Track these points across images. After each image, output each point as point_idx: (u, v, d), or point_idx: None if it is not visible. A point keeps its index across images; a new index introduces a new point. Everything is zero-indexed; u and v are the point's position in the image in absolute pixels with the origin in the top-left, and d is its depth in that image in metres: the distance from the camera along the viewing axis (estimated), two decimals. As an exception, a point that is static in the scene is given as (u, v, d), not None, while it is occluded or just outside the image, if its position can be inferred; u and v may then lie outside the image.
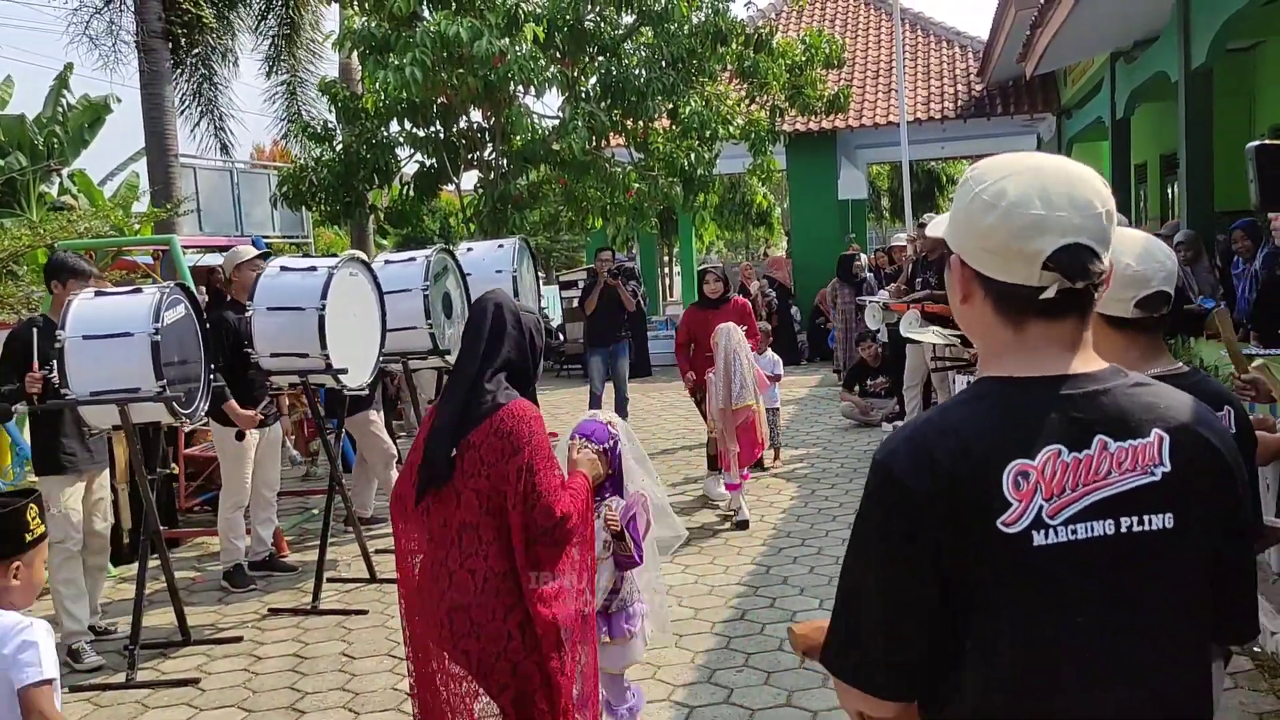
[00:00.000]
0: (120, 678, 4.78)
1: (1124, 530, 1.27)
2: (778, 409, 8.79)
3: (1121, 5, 9.14)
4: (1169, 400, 1.34)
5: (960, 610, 1.27)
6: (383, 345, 6.11)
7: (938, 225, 1.50)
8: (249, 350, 5.56)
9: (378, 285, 6.09)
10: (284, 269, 5.79)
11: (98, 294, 5.03)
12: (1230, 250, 8.17)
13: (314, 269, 5.73)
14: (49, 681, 2.32)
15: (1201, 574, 1.31)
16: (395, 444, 7.52)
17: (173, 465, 7.39)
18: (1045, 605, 1.25)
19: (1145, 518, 1.28)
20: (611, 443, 3.40)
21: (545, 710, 2.72)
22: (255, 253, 6.49)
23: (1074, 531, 1.25)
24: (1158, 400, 1.33)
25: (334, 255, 7.24)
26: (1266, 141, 1.66)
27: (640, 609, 3.52)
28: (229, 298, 6.34)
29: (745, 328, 7.28)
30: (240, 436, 6.02)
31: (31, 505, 2.56)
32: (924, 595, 1.27)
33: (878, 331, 10.27)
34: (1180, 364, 2.07)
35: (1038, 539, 1.24)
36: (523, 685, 2.70)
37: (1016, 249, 1.28)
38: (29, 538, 2.53)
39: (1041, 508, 1.25)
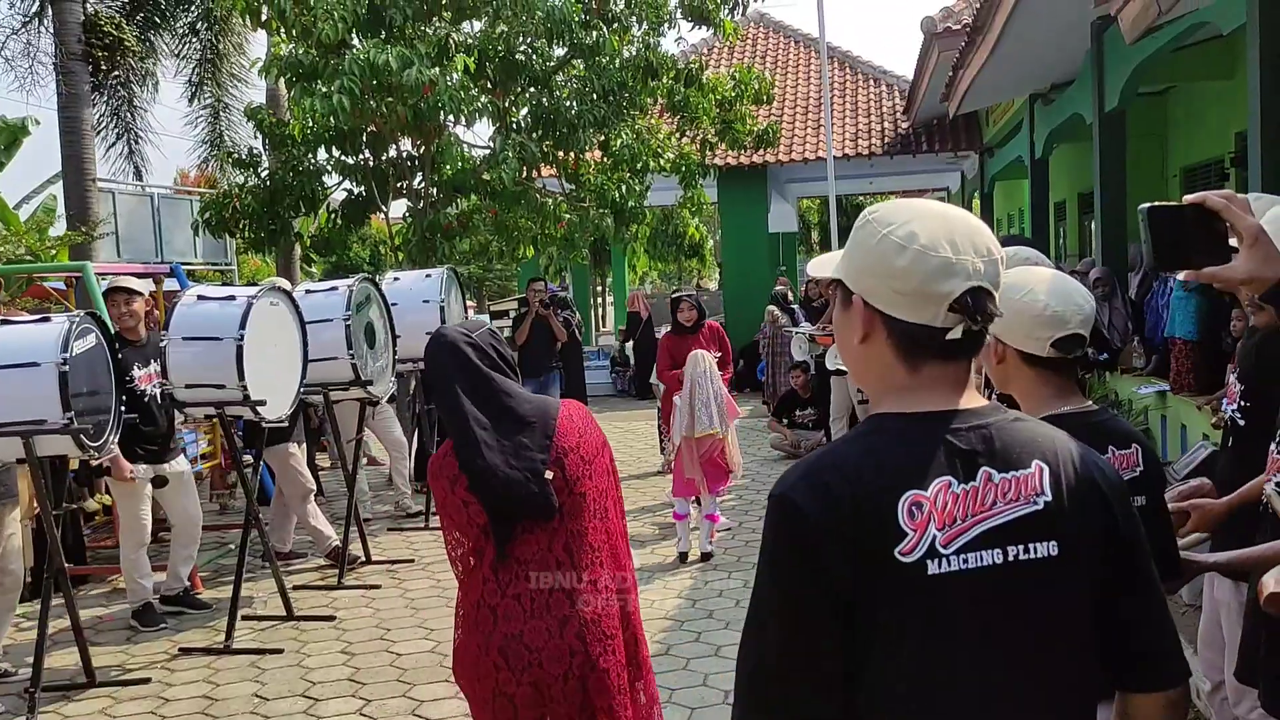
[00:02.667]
0: (18, 723, 4.58)
1: (1011, 559, 1.30)
2: None
3: (1038, 50, 9.44)
4: (1046, 434, 1.39)
5: (862, 648, 1.27)
6: (304, 376, 5.99)
7: (823, 265, 1.50)
8: (163, 383, 5.41)
9: (299, 315, 5.98)
10: (201, 298, 5.66)
11: (3, 322, 4.85)
12: (1148, 278, 8.43)
13: (232, 298, 5.61)
14: None
15: (1089, 605, 1.34)
16: (318, 478, 7.36)
17: (106, 497, 7.15)
18: (939, 633, 1.27)
19: (1030, 546, 1.31)
20: None
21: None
22: (114, 284, 6.20)
23: (965, 560, 1.28)
24: (1036, 435, 1.37)
25: (231, 284, 7.08)
26: (1158, 204, 1.71)
27: None
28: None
29: (720, 355, 7.35)
30: (159, 483, 5.84)
31: None
32: (830, 635, 1.27)
33: (805, 362, 10.39)
34: (1089, 402, 2.12)
35: (932, 568, 1.27)
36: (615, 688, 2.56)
37: (926, 290, 1.31)
38: None
39: (935, 537, 1.27)
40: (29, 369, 4.59)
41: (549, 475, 2.50)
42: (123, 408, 5.09)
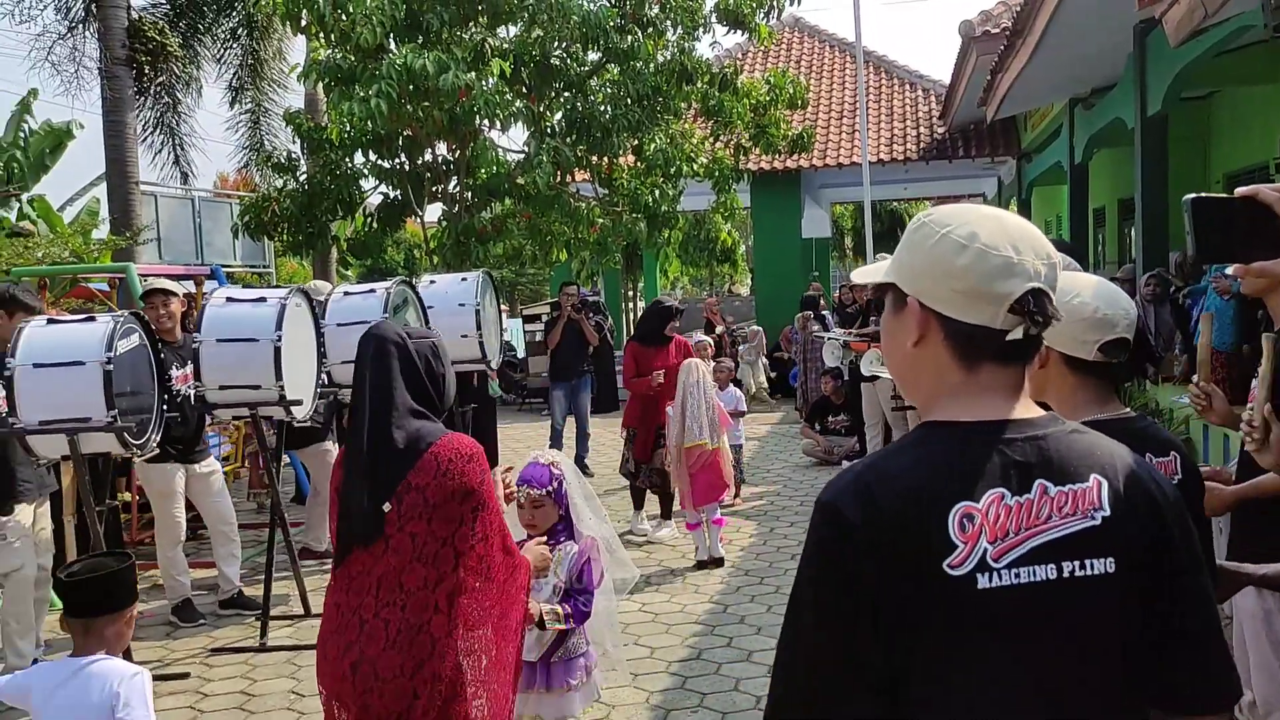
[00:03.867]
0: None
1: (1065, 575, 1.27)
2: (741, 445, 8.79)
3: (1079, 53, 9.35)
4: (1105, 447, 1.36)
5: (904, 661, 1.25)
6: (319, 377, 6.03)
7: (868, 273, 1.49)
8: (196, 385, 5.45)
9: (315, 316, 6.02)
10: (230, 299, 5.69)
11: (50, 322, 4.94)
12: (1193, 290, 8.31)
13: (263, 299, 5.65)
14: None
15: (1144, 624, 1.31)
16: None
17: (126, 494, 7.24)
18: (987, 648, 1.25)
19: (1086, 562, 1.28)
20: (555, 484, 3.37)
21: None
22: (170, 285, 6.31)
23: (1017, 575, 1.25)
24: (1094, 447, 1.34)
25: (274, 286, 7.15)
26: (1203, 195, 1.69)
27: (586, 662, 3.45)
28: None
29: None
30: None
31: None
32: (871, 645, 1.25)
33: (838, 369, 10.34)
34: (1128, 410, 2.09)
35: (982, 581, 1.24)
36: None
37: (987, 290, 1.30)
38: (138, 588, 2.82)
39: (986, 550, 1.24)
40: (74, 368, 4.67)
41: (386, 508, 2.54)
42: (164, 406, 5.17)
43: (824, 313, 13.31)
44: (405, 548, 2.55)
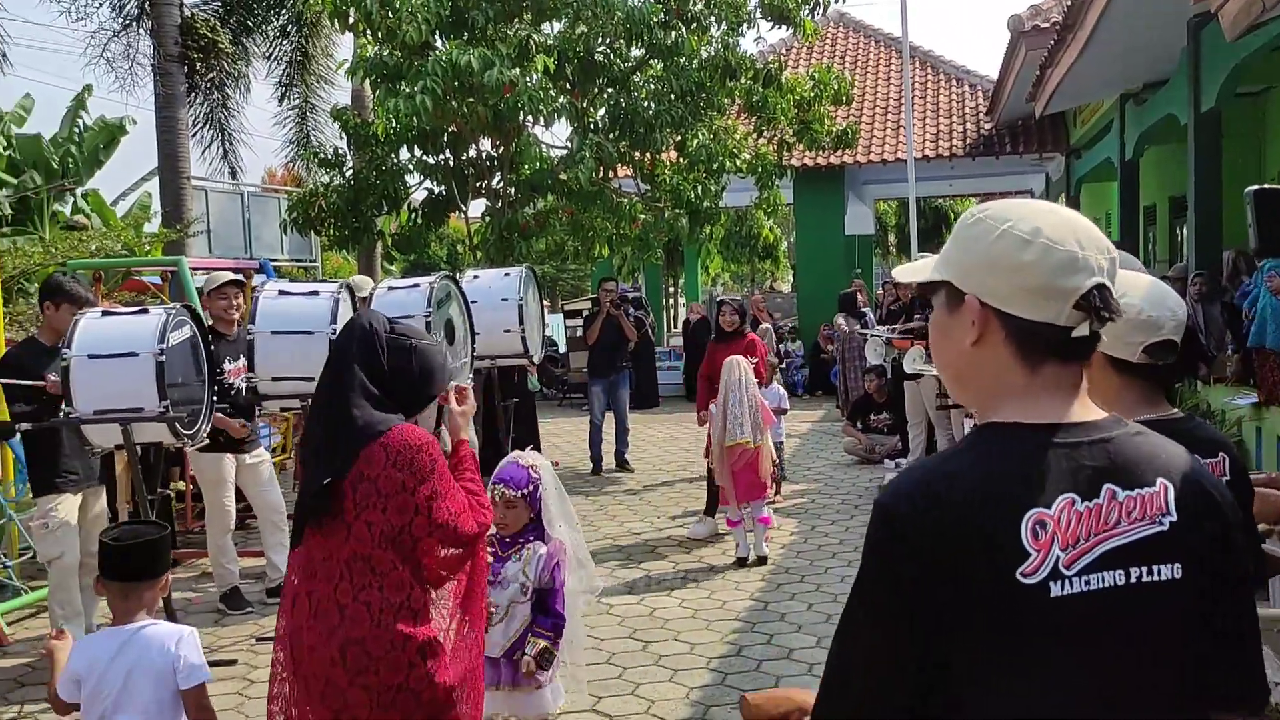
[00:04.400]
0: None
1: (1133, 581, 1.25)
2: (782, 443, 8.76)
3: (1131, 48, 9.20)
4: (1169, 449, 1.33)
5: (965, 668, 1.23)
6: None
7: (912, 271, 1.46)
8: (250, 376, 5.54)
9: (357, 310, 6.10)
10: (283, 293, 5.78)
11: (105, 313, 5.05)
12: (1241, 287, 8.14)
13: (315, 293, 5.74)
14: (206, 682, 2.86)
15: (1204, 628, 1.30)
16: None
17: (180, 483, 7.38)
18: (1054, 655, 1.23)
19: (1155, 568, 1.26)
20: (531, 487, 3.42)
21: None
22: (233, 276, 6.44)
23: (1087, 582, 1.23)
24: (1159, 450, 1.32)
25: (319, 281, 7.25)
26: (1266, 186, 1.65)
27: (553, 660, 3.48)
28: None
29: (755, 362, 7.25)
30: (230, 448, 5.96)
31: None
32: (928, 649, 1.23)
33: (881, 366, 10.26)
34: (1176, 410, 2.06)
35: (1055, 590, 1.22)
36: (430, 712, 2.65)
37: (1053, 285, 1.28)
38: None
39: (1059, 557, 1.22)
40: (128, 359, 4.77)
41: (326, 482, 2.61)
42: (214, 397, 5.26)
43: (864, 310, 13.20)
44: (365, 535, 2.62)
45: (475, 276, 7.79)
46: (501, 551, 3.52)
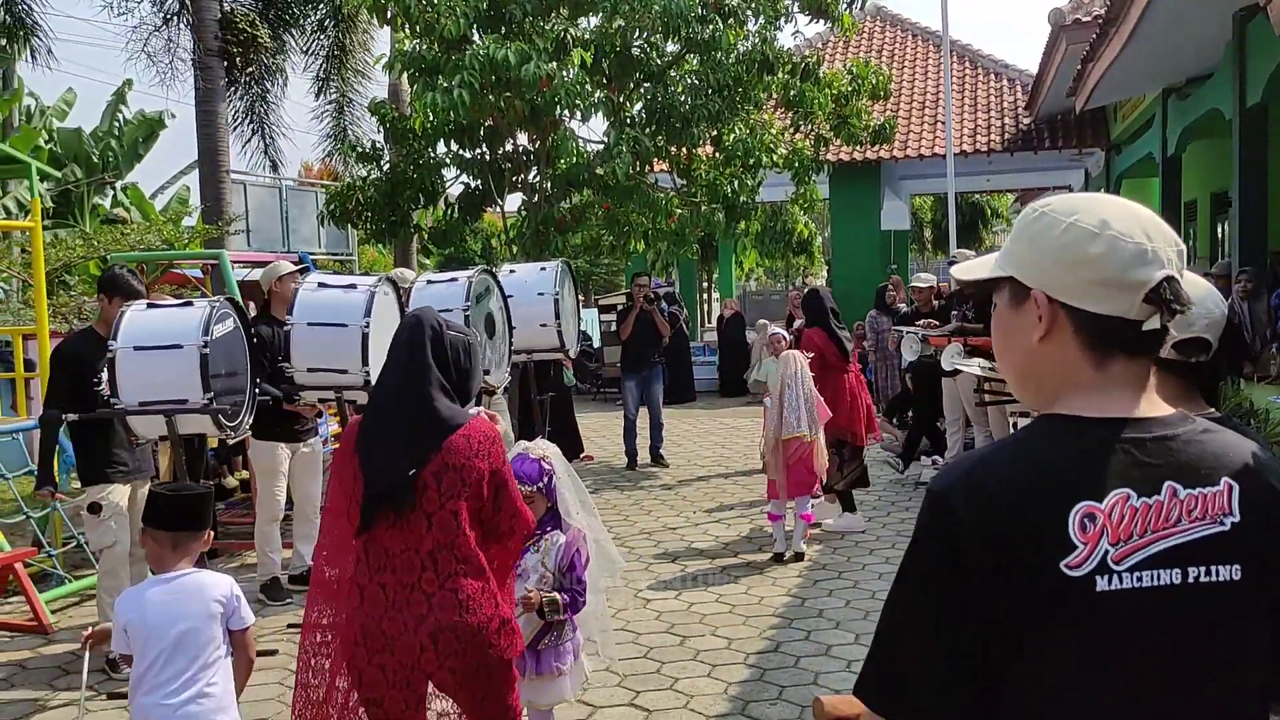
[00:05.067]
0: (155, 687, 4.82)
1: (1191, 580, 1.24)
2: None
3: (1175, 41, 9.06)
4: (1238, 448, 1.31)
5: (1005, 658, 1.23)
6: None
7: (978, 267, 1.44)
8: (283, 364, 5.59)
9: (401, 304, 6.13)
10: (322, 285, 5.83)
11: (149, 306, 5.10)
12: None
13: (353, 286, 5.77)
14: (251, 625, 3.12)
15: (1267, 630, 1.28)
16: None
17: (244, 472, 7.48)
18: (1106, 653, 1.22)
19: (1213, 568, 1.24)
20: (546, 479, 3.43)
21: (512, 707, 2.84)
22: (293, 267, 6.54)
23: (1139, 579, 1.22)
24: (1227, 449, 1.30)
25: (366, 274, 7.30)
26: None
27: (572, 646, 3.50)
28: (265, 312, 6.40)
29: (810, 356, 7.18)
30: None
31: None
32: (967, 638, 1.23)
33: (915, 361, 10.17)
34: (1212, 410, 2.03)
35: (1101, 584, 1.21)
36: (500, 686, 2.77)
37: (1124, 278, 1.26)
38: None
39: (1107, 552, 1.22)
40: (172, 350, 4.82)
41: (412, 473, 2.67)
42: (257, 390, 5.31)
43: (899, 306, 13.08)
44: (449, 523, 2.69)
45: (512, 271, 7.81)
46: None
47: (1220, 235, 13.79)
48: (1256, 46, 8.19)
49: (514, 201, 11.78)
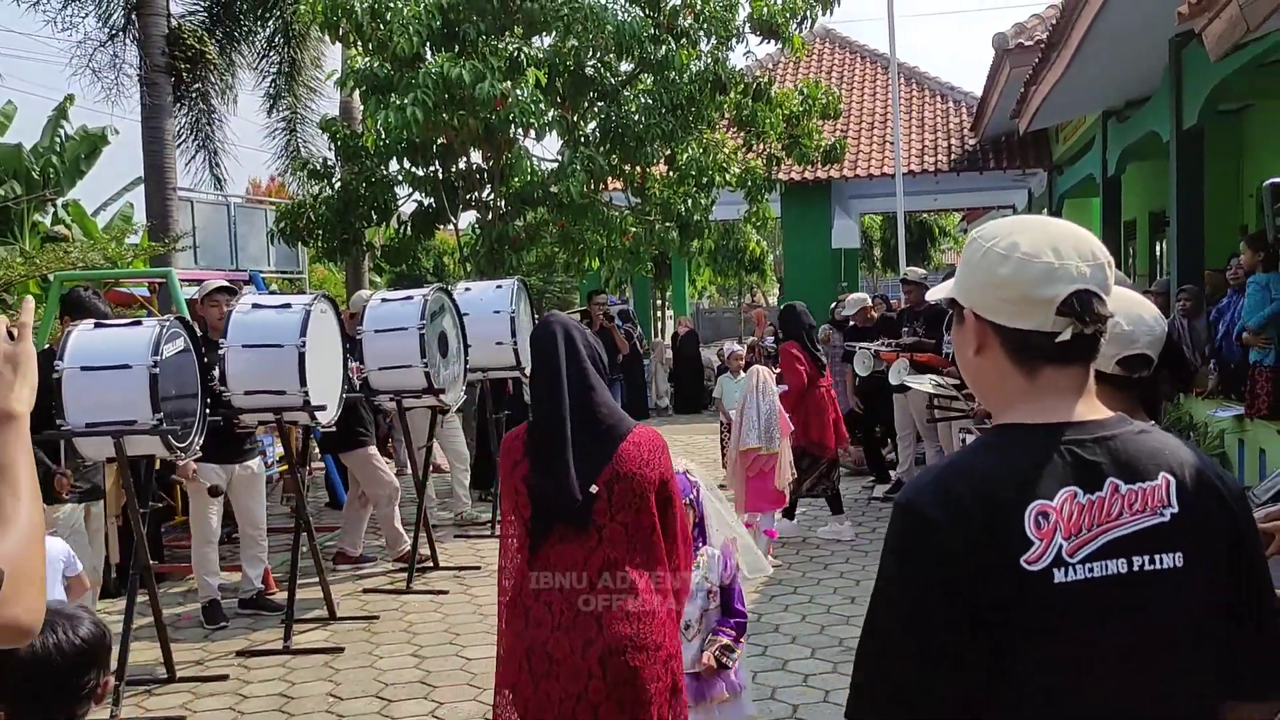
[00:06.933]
0: (105, 714, 4.71)
1: (1136, 569, 1.32)
2: None
3: (1114, 66, 9.32)
4: (1173, 445, 1.42)
5: (984, 656, 1.30)
6: (345, 383, 6.07)
7: (940, 290, 1.57)
8: (219, 389, 5.47)
9: (340, 322, 6.07)
10: (256, 306, 5.73)
11: (97, 325, 5.02)
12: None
13: (288, 305, 5.70)
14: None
15: (1213, 616, 1.37)
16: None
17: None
18: (1064, 641, 1.30)
19: (1156, 557, 1.33)
20: (695, 492, 3.32)
21: None
22: (215, 284, 6.42)
23: (1090, 570, 1.31)
24: (1163, 446, 1.40)
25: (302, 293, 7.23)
26: None
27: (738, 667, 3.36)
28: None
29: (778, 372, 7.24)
30: (215, 492, 5.92)
31: None
32: (957, 640, 1.29)
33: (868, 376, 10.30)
34: (1153, 423, 2.10)
35: (1058, 576, 1.30)
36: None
37: (1032, 296, 1.37)
38: None
39: (1061, 546, 1.30)
40: (121, 371, 4.74)
41: (594, 490, 2.52)
42: (208, 410, 5.24)
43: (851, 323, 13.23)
44: (619, 537, 2.54)
45: (467, 289, 7.80)
46: None
47: (1159, 254, 14.15)
48: (1192, 71, 8.44)
49: (467, 219, 11.75)
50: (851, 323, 10.67)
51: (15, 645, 1.33)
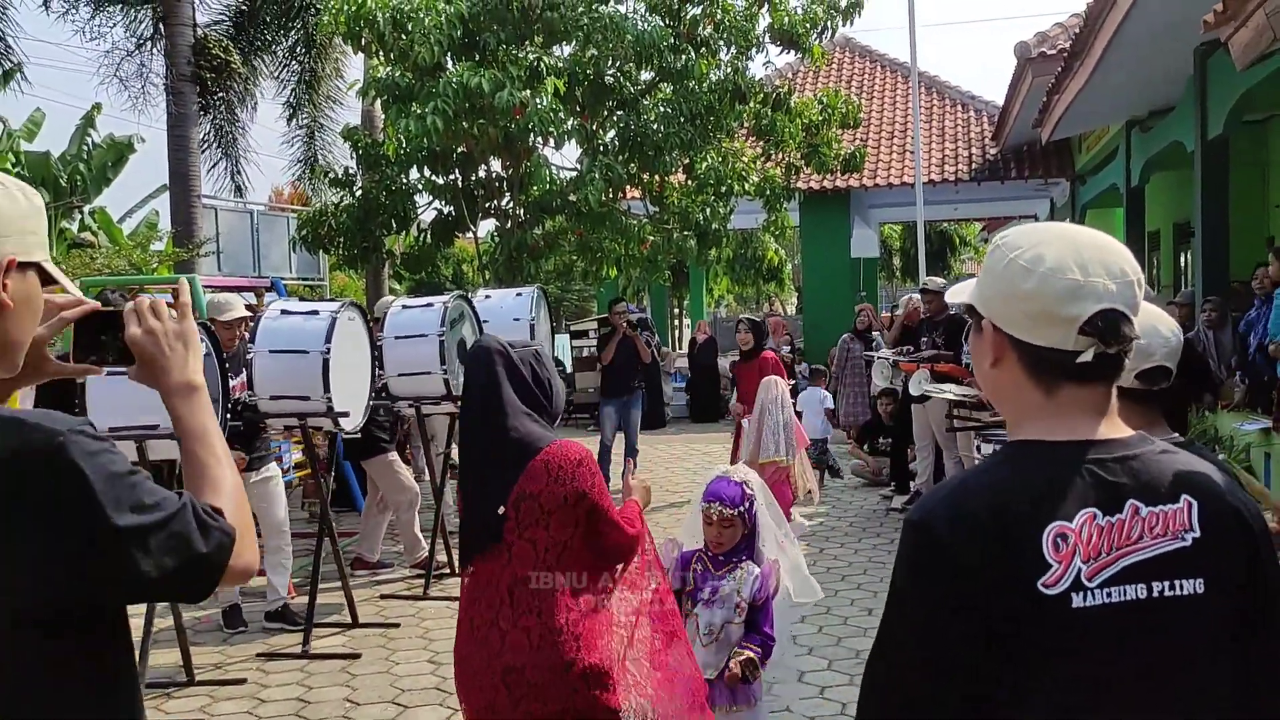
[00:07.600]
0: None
1: (1155, 594, 1.28)
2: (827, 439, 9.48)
3: (1138, 75, 9.26)
4: (1197, 468, 1.36)
5: (995, 678, 1.27)
6: (373, 390, 6.10)
7: (959, 291, 1.51)
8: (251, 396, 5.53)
9: (369, 330, 6.11)
10: (284, 312, 5.79)
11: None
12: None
13: (315, 312, 5.74)
14: None
15: (1232, 642, 1.32)
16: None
17: None
18: (1080, 666, 1.26)
19: (1176, 582, 1.29)
20: (747, 504, 3.28)
21: None
22: (237, 315, 6.25)
23: (1109, 594, 1.27)
24: (1186, 468, 1.35)
25: (325, 299, 7.27)
26: None
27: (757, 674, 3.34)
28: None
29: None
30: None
31: None
32: (971, 654, 1.26)
33: (893, 390, 10.26)
34: (1176, 435, 2.08)
35: (1076, 601, 1.25)
36: None
37: (1054, 313, 1.31)
38: None
39: (1080, 570, 1.26)
40: (143, 376, 4.78)
41: (500, 511, 2.58)
42: (228, 415, 5.27)
43: (874, 333, 13.19)
44: (528, 555, 2.58)
45: (487, 296, 7.81)
46: (715, 570, 3.35)
47: (1183, 265, 14.04)
48: (1217, 80, 8.39)
49: (486, 227, 11.81)
50: (905, 323, 10.57)
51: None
